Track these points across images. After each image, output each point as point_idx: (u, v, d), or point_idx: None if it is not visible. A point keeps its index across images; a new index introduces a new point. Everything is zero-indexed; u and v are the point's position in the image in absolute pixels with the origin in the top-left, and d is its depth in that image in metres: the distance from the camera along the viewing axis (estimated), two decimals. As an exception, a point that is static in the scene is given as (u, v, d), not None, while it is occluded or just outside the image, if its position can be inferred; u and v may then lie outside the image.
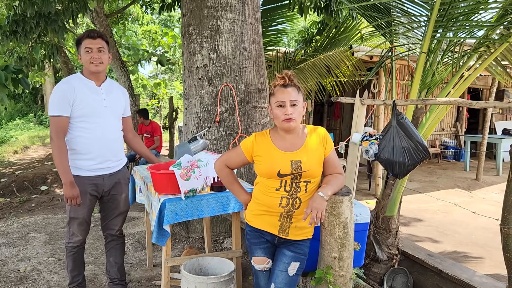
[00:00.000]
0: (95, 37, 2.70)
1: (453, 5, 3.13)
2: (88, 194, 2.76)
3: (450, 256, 4.10)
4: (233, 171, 2.34)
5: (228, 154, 2.29)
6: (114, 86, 2.92)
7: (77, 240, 2.86)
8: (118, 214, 2.98)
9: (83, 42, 2.68)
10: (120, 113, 2.91)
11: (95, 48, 2.68)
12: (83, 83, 2.71)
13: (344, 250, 2.26)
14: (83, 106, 2.65)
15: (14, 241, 4.55)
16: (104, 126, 2.74)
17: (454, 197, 6.77)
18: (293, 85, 2.05)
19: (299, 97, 2.05)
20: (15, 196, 7.86)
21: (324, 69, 7.08)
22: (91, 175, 2.75)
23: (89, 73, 2.73)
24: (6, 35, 5.48)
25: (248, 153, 2.17)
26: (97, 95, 2.73)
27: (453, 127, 11.00)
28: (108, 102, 2.78)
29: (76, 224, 2.81)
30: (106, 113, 2.75)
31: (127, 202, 3.02)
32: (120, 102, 2.90)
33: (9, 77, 5.15)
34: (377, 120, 7.03)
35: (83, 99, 2.66)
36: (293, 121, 2.02)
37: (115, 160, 2.86)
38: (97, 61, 2.68)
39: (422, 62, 3.32)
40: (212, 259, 2.86)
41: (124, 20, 11.92)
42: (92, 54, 2.67)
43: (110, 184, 2.85)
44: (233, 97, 4.10)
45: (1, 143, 17.69)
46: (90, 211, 2.84)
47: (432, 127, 3.49)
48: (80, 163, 2.71)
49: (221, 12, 4.06)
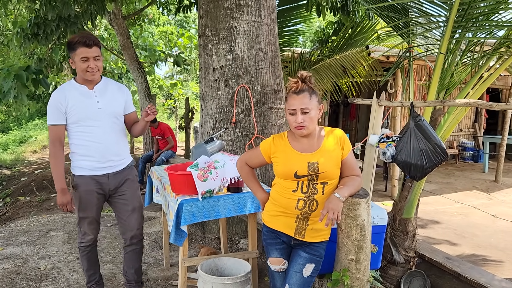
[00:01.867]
0: (91, 45, 2.60)
1: (473, 5, 3.09)
2: (95, 193, 2.76)
3: (468, 259, 4.05)
4: (253, 170, 2.38)
5: (248, 153, 2.34)
6: (110, 85, 2.83)
7: (89, 239, 2.89)
8: (132, 210, 2.89)
9: (78, 50, 2.58)
10: (119, 112, 2.82)
11: (91, 57, 2.61)
12: (75, 89, 2.70)
13: (361, 252, 2.25)
14: (76, 112, 2.65)
15: (35, 239, 4.65)
16: (102, 129, 2.71)
17: (473, 199, 6.67)
18: (306, 90, 2.03)
19: (312, 102, 2.03)
20: (35, 195, 8.02)
21: (340, 70, 7.05)
22: (95, 174, 2.75)
23: (83, 80, 2.70)
24: (28, 37, 5.60)
25: (266, 154, 2.21)
26: (89, 99, 2.69)
27: (471, 128, 10.82)
28: (103, 103, 2.72)
29: (87, 223, 2.83)
30: (102, 115, 2.71)
31: (138, 197, 2.96)
32: (117, 101, 2.82)
33: (30, 77, 5.27)
34: (394, 121, 6.97)
35: (75, 104, 2.64)
36: (304, 128, 2.03)
37: (117, 160, 2.82)
38: (94, 70, 2.64)
39: (441, 63, 3.28)
40: (229, 260, 2.88)
41: (141, 22, 12.05)
42: (88, 63, 2.61)
43: (116, 182, 2.82)
44: (249, 98, 4.11)
45: (21, 143, 18.07)
46: (99, 209, 2.86)
47: (451, 128, 3.44)
48: (82, 163, 2.73)
49: (237, 13, 4.08)
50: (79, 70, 2.64)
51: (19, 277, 3.58)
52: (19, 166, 12.96)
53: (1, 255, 4.10)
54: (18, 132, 20.12)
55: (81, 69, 2.63)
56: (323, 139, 2.12)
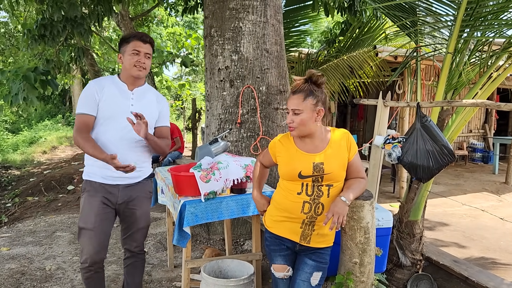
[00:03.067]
0: (146, 41, 2.51)
1: (481, 3, 3.04)
2: (99, 201, 2.48)
3: (477, 262, 3.98)
4: (264, 169, 2.39)
5: (263, 152, 2.35)
6: (149, 93, 2.64)
7: (85, 260, 2.44)
8: (137, 230, 2.66)
9: (132, 42, 2.47)
10: (150, 122, 2.56)
11: (143, 52, 2.49)
12: (115, 85, 2.53)
13: (365, 255, 2.22)
14: (108, 107, 2.47)
15: (41, 240, 4.67)
16: (125, 131, 2.47)
17: (482, 201, 6.58)
18: (303, 91, 2.00)
19: (304, 104, 1.98)
20: (43, 196, 8.07)
21: (347, 70, 7.00)
22: (106, 183, 2.50)
23: (127, 76, 2.54)
24: (35, 38, 5.63)
25: (273, 154, 2.21)
26: (125, 99, 2.52)
27: (481, 128, 10.69)
28: (136, 108, 2.51)
29: (86, 238, 2.44)
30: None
31: (147, 217, 2.70)
32: (152, 110, 2.60)
33: (38, 78, 5.30)
34: (402, 121, 6.90)
35: (109, 99, 2.47)
36: (293, 130, 2.03)
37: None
38: (142, 66, 2.50)
39: (448, 63, 3.23)
40: (232, 262, 2.86)
41: (149, 23, 12.09)
42: (138, 57, 2.48)
43: (125, 196, 2.55)
44: (255, 98, 4.09)
45: (31, 143, 18.24)
46: (104, 222, 2.49)
47: (459, 129, 3.39)
48: (95, 169, 2.50)
49: (243, 14, 4.06)
50: (126, 64, 2.49)
51: (24, 277, 3.59)
52: (28, 167, 13.07)
53: (8, 255, 4.12)
54: (28, 132, 20.30)
55: (130, 63, 2.48)
56: (330, 140, 2.09)
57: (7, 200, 8.41)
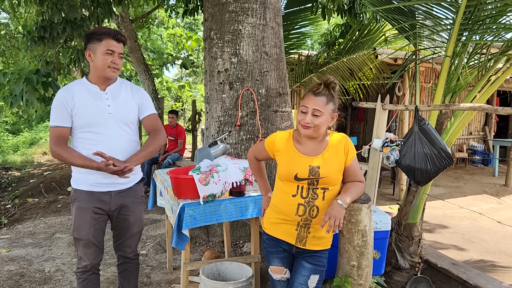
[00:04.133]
0: (120, 40, 2.36)
1: (480, 7, 3.04)
2: (91, 212, 2.39)
3: (476, 265, 3.98)
4: (261, 163, 2.42)
5: (257, 146, 2.37)
6: (124, 87, 2.49)
7: (84, 266, 2.46)
8: (130, 235, 2.59)
9: (105, 41, 2.30)
10: (130, 119, 2.46)
11: (117, 52, 2.34)
12: (86, 88, 2.37)
13: (363, 258, 2.22)
14: (83, 115, 2.32)
15: (40, 241, 4.67)
16: (109, 137, 2.35)
17: (482, 203, 6.58)
18: (325, 95, 2.01)
19: (326, 108, 2.00)
20: (43, 197, 8.08)
21: (347, 72, 7.01)
22: (96, 190, 2.38)
23: (98, 77, 2.38)
24: (35, 40, 5.65)
25: (270, 150, 2.22)
26: (100, 101, 2.36)
27: (481, 131, 10.69)
28: (114, 108, 2.38)
29: (81, 246, 2.42)
30: (111, 121, 2.36)
31: (140, 223, 2.63)
32: (130, 106, 2.46)
33: (40, 80, 5.32)
34: (402, 123, 6.91)
35: (83, 106, 2.32)
36: (310, 129, 2.01)
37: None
38: (116, 67, 2.36)
39: (447, 66, 3.23)
40: (231, 264, 2.86)
41: (149, 24, 12.11)
42: (113, 58, 2.33)
43: (118, 202, 2.45)
44: (254, 101, 4.10)
45: (31, 145, 18.27)
46: (98, 231, 2.44)
47: (457, 132, 3.39)
48: (82, 176, 2.38)
49: (242, 16, 4.07)
50: (99, 64, 2.32)
51: (23, 279, 3.59)
52: (28, 168, 13.08)
53: (7, 256, 4.13)
54: (28, 134, 20.35)
55: (103, 63, 2.32)
56: (328, 144, 2.10)
57: (7, 201, 8.42)
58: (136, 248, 2.71)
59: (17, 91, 5.21)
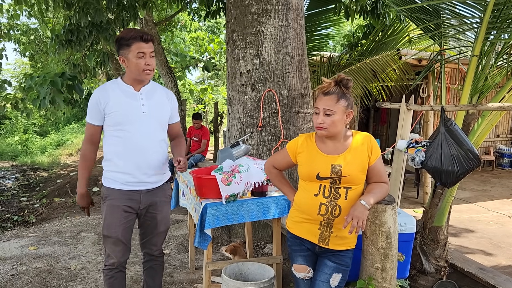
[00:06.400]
0: (148, 40, 2.36)
1: (508, 5, 2.97)
2: (121, 210, 2.45)
3: (504, 270, 3.86)
4: (281, 172, 2.37)
5: (275, 155, 2.34)
6: (158, 89, 2.56)
7: (112, 263, 2.52)
8: (157, 233, 2.65)
9: (134, 45, 2.32)
10: (164, 121, 2.54)
11: (148, 53, 2.36)
12: (120, 89, 2.43)
13: (387, 261, 2.19)
14: (117, 113, 2.38)
15: (67, 240, 4.78)
16: (142, 136, 2.41)
17: (510, 207, 6.38)
18: (335, 93, 2.00)
19: (337, 106, 1.99)
20: (69, 197, 8.27)
21: (370, 74, 6.93)
22: (127, 189, 2.45)
23: (133, 80, 2.44)
24: (62, 44, 5.81)
25: (293, 154, 2.20)
26: (134, 101, 2.42)
27: (509, 133, 10.39)
28: (148, 108, 2.44)
29: (110, 244, 2.49)
30: (145, 121, 2.42)
31: (167, 221, 2.69)
32: (164, 107, 2.53)
33: (64, 83, 5.46)
34: (426, 125, 6.79)
35: (117, 105, 2.38)
36: (323, 129, 2.01)
37: (154, 175, 2.50)
38: (151, 68, 2.39)
39: (474, 66, 3.16)
40: (253, 265, 2.86)
41: (172, 28, 12.26)
42: (145, 59, 2.36)
43: (147, 201, 2.52)
44: (276, 102, 4.10)
45: (58, 146, 18.73)
46: (127, 230, 2.50)
47: (485, 133, 3.31)
48: (115, 175, 2.45)
49: (264, 18, 4.08)
50: (133, 68, 2.36)
51: (50, 276, 3.69)
52: (55, 168, 13.42)
53: (35, 254, 4.24)
54: (55, 135, 20.87)
55: (137, 67, 2.35)
56: (351, 143, 2.08)
57: (35, 201, 8.66)
58: (162, 246, 2.76)
59: (42, 94, 5.37)
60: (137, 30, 2.40)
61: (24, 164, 15.12)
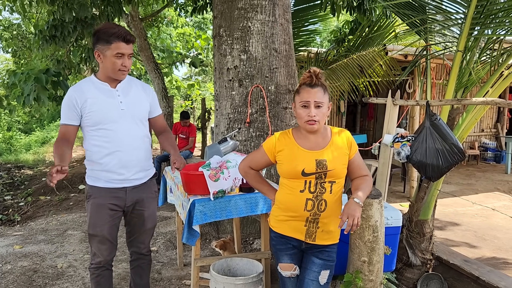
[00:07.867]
0: (130, 41, 2.31)
1: (492, 1, 3.01)
2: (107, 208, 2.41)
3: (488, 262, 3.94)
4: (259, 172, 2.32)
5: (251, 156, 2.28)
6: (134, 84, 2.50)
7: (98, 262, 2.49)
8: (144, 231, 2.62)
9: (115, 44, 2.25)
10: (143, 116, 2.49)
11: (127, 54, 2.31)
12: (96, 86, 2.37)
13: (374, 254, 2.21)
14: (95, 113, 2.32)
15: (53, 238, 4.73)
16: (123, 133, 2.36)
17: (494, 200, 6.50)
18: (320, 85, 2.00)
19: (325, 98, 2.01)
20: (55, 195, 8.17)
21: (357, 69, 6.97)
22: (111, 187, 2.40)
23: (108, 77, 2.38)
24: (46, 39, 5.71)
25: (271, 153, 2.15)
26: (112, 98, 2.37)
27: (493, 128, 10.56)
28: (126, 104, 2.39)
29: (96, 242, 2.46)
30: (124, 117, 2.37)
31: (154, 218, 2.66)
32: (142, 103, 2.48)
33: (49, 80, 5.37)
34: (412, 120, 6.86)
35: (94, 104, 2.32)
36: (316, 123, 1.99)
37: (138, 171, 2.46)
38: (126, 69, 2.35)
39: (458, 61, 3.20)
40: (241, 260, 2.87)
41: (159, 23, 12.15)
42: (122, 60, 2.30)
43: (133, 198, 2.48)
44: (264, 98, 4.10)
45: (43, 143, 18.45)
46: (112, 228, 2.47)
47: (469, 128, 3.36)
48: (98, 173, 2.40)
49: (251, 13, 4.07)
50: (109, 67, 2.31)
51: (36, 275, 3.64)
52: (40, 166, 13.23)
53: (20, 253, 4.19)
54: (40, 133, 20.56)
55: (113, 67, 2.30)
56: (331, 138, 2.09)
57: (20, 199, 8.53)
58: (149, 244, 2.73)
59: (26, 91, 5.28)
60: (120, 28, 2.31)
61: (8, 162, 14.87)
